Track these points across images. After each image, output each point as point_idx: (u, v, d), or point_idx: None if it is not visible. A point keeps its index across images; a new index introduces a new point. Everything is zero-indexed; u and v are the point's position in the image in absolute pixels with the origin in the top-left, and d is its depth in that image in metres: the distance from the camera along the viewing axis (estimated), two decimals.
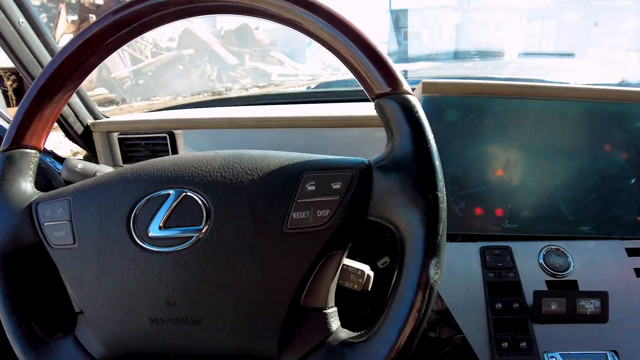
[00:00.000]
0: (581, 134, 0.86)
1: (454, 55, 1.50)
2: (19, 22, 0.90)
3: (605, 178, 0.87)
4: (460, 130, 0.84)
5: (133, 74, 6.71)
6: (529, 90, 0.82)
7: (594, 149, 0.87)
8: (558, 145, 0.86)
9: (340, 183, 0.43)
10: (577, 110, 0.86)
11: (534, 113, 0.85)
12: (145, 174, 0.48)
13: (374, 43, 0.43)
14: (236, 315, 0.43)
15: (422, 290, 0.39)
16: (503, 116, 0.85)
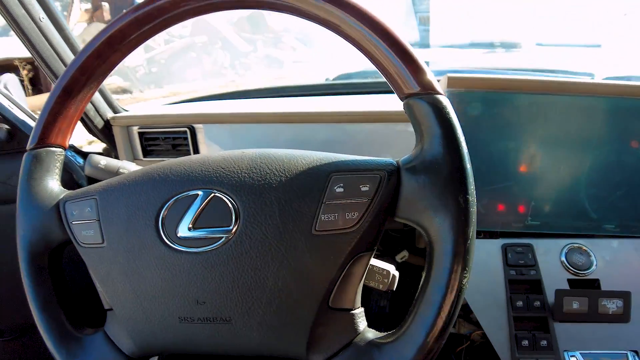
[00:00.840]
0: (607, 129, 0.85)
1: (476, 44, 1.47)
2: (40, 18, 0.90)
3: (631, 175, 0.86)
4: (484, 125, 0.83)
5: (146, 62, 6.71)
6: (555, 85, 0.81)
7: (619, 145, 0.85)
8: (583, 141, 0.85)
9: (369, 185, 0.43)
10: (603, 105, 0.84)
11: (558, 107, 0.84)
12: (173, 174, 0.48)
13: (403, 41, 0.43)
14: (265, 316, 0.43)
15: (451, 293, 0.39)
16: (527, 110, 0.83)
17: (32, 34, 0.91)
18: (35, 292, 0.51)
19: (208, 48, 7.16)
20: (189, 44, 7.06)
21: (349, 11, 0.43)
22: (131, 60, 6.57)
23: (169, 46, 7.02)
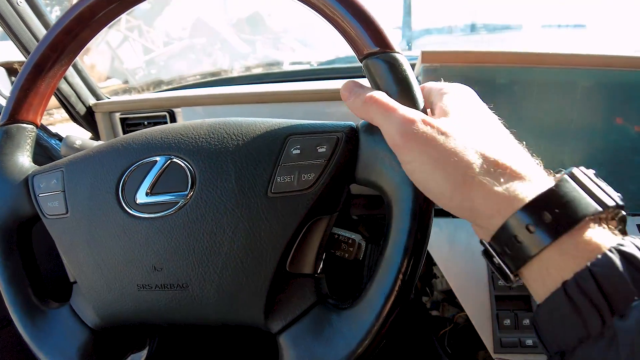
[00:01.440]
0: (591, 105, 0.83)
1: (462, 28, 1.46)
2: (17, 2, 0.90)
3: (616, 152, 0.84)
4: None
5: (145, 64, 6.74)
6: (532, 58, 0.80)
7: (604, 122, 0.84)
8: (566, 118, 0.84)
9: (326, 146, 0.42)
10: (587, 80, 0.83)
11: (540, 85, 0.83)
12: (135, 143, 0.48)
13: (361, 2, 0.42)
14: (221, 281, 0.42)
15: (409, 255, 0.38)
16: (509, 88, 0.82)
17: (10, 18, 0.90)
18: (3, 265, 0.51)
19: (207, 49, 7.18)
20: (188, 46, 7.08)
21: None
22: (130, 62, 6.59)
23: (168, 48, 7.05)
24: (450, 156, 0.32)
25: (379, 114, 0.36)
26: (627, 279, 0.25)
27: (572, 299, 0.26)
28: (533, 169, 0.32)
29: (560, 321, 0.27)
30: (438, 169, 0.32)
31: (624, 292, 0.25)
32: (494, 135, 0.34)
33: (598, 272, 0.26)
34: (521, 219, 0.30)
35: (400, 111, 0.35)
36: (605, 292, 0.25)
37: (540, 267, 0.29)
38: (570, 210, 0.29)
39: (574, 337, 0.26)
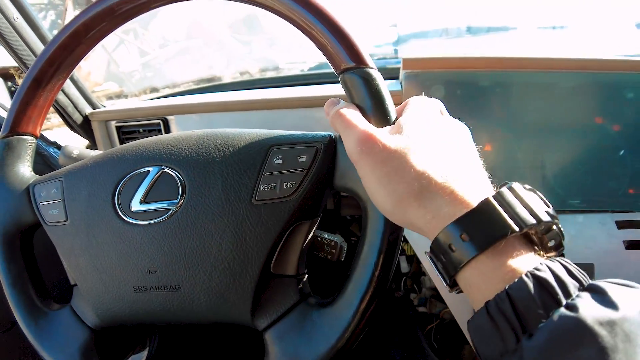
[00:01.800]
0: (571, 106, 0.86)
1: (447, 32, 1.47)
2: (14, 18, 0.93)
3: (596, 150, 0.87)
4: (448, 107, 0.83)
5: (142, 67, 6.74)
6: (511, 62, 0.82)
7: (584, 121, 0.87)
8: (547, 118, 0.86)
9: (306, 156, 0.45)
10: (566, 82, 0.85)
11: (522, 87, 0.85)
12: (129, 154, 0.51)
13: (338, 19, 0.44)
14: (210, 283, 0.45)
15: (383, 254, 0.41)
16: (491, 91, 0.85)
17: (8, 33, 0.93)
18: (7, 269, 0.54)
19: (204, 51, 7.18)
20: (184, 48, 7.08)
21: None
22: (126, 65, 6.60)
23: (164, 50, 7.04)
24: (392, 177, 0.34)
25: (342, 129, 0.39)
26: (538, 301, 0.27)
27: (493, 317, 0.29)
28: (471, 187, 0.33)
29: (485, 336, 0.29)
30: (382, 187, 0.35)
31: (534, 314, 0.27)
32: (440, 154, 0.35)
33: (514, 295, 0.28)
34: (445, 238, 0.32)
35: (359, 128, 0.38)
36: (518, 313, 0.27)
37: (465, 285, 0.32)
38: (487, 232, 0.30)
39: (496, 351, 0.29)
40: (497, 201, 0.32)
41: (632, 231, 0.84)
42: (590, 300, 0.26)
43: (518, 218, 0.31)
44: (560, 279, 0.28)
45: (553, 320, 0.26)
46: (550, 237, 0.32)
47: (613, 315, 0.25)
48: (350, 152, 0.38)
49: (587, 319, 0.25)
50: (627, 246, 0.82)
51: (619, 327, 0.25)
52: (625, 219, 0.85)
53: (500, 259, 0.30)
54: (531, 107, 0.86)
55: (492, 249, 0.30)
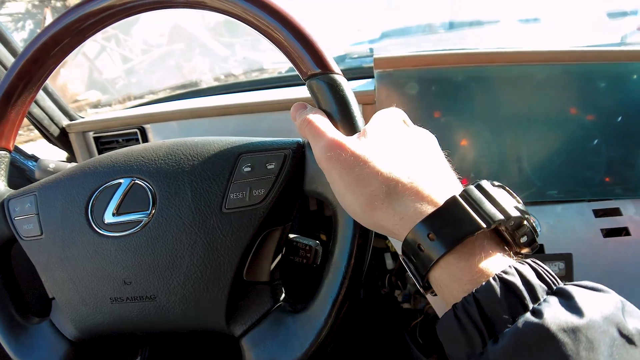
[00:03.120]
0: (545, 98, 0.87)
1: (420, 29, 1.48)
2: None
3: (571, 141, 0.88)
4: (423, 103, 0.85)
5: (125, 73, 6.69)
6: (481, 57, 0.83)
7: (559, 113, 0.88)
8: (522, 111, 0.87)
9: (275, 163, 0.45)
10: (539, 74, 0.86)
11: (495, 81, 0.86)
12: (101, 166, 0.51)
13: (303, 25, 0.44)
14: (185, 291, 0.46)
15: (354, 258, 0.41)
16: (465, 86, 0.85)
17: None
18: None
19: (187, 55, 7.14)
20: (167, 52, 7.04)
21: (254, 2, 0.44)
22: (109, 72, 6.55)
23: (147, 56, 7.00)
24: (360, 182, 0.35)
25: (311, 136, 0.39)
26: (505, 306, 0.27)
27: (460, 320, 0.28)
28: (438, 186, 0.33)
29: (453, 337, 0.29)
30: (350, 193, 0.35)
31: (500, 319, 0.27)
32: (406, 158, 0.36)
33: (481, 298, 0.28)
34: (414, 238, 0.32)
35: (327, 136, 0.38)
36: (486, 316, 0.27)
37: (436, 285, 0.32)
38: (454, 230, 0.30)
39: (463, 353, 0.29)
40: (464, 198, 0.31)
41: (609, 219, 0.85)
42: (556, 305, 0.26)
43: (485, 214, 0.31)
44: (528, 283, 0.28)
45: (518, 325, 0.26)
46: (522, 233, 0.32)
47: (577, 321, 0.25)
48: (318, 159, 0.38)
49: (551, 325, 0.25)
50: (605, 234, 0.84)
51: (582, 334, 0.25)
52: (602, 207, 0.86)
53: (469, 259, 0.30)
54: (506, 100, 0.87)
55: (460, 247, 0.30)
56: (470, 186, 0.33)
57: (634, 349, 0.25)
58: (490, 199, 0.32)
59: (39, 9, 6.26)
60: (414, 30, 1.53)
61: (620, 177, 0.87)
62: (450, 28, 1.46)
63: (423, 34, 1.50)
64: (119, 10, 0.52)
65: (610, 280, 0.83)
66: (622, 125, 0.87)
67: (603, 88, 0.86)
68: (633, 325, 0.26)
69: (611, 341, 0.25)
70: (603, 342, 0.24)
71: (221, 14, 0.48)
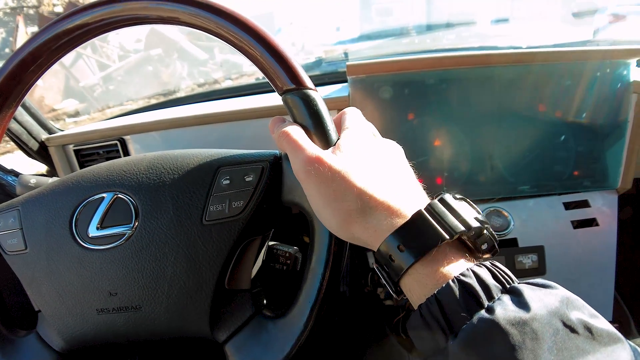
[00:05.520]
0: (514, 97, 0.90)
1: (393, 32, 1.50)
2: None
3: (541, 137, 0.92)
4: (397, 105, 0.87)
5: (102, 81, 6.61)
6: (452, 60, 0.86)
7: (528, 111, 0.91)
8: (493, 111, 0.90)
9: (253, 175, 0.46)
10: (509, 74, 0.89)
11: (465, 82, 0.89)
12: (84, 180, 0.52)
13: (277, 42, 0.46)
14: (169, 301, 0.47)
15: (330, 265, 0.44)
16: (437, 87, 0.88)
17: None
18: None
19: (165, 60, 7.08)
20: (145, 58, 6.97)
21: (228, 19, 0.46)
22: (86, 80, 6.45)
23: (125, 62, 6.92)
24: (337, 195, 0.37)
25: (289, 150, 0.41)
26: (462, 305, 0.30)
27: (425, 319, 0.31)
28: (406, 201, 0.36)
29: (420, 336, 0.32)
30: (327, 207, 0.38)
31: (459, 316, 0.29)
32: (377, 173, 0.38)
33: (441, 299, 0.30)
34: (385, 249, 0.35)
35: (305, 151, 0.40)
36: (446, 315, 0.30)
37: (406, 290, 0.35)
38: (421, 241, 0.33)
39: (429, 349, 0.32)
40: (429, 212, 0.34)
41: (579, 211, 0.89)
42: (508, 303, 0.29)
43: (448, 226, 0.33)
44: (484, 283, 0.30)
45: (473, 322, 0.29)
46: (483, 241, 0.35)
47: (524, 315, 0.28)
48: (297, 172, 0.40)
49: (500, 319, 0.28)
50: (575, 226, 0.87)
51: (528, 326, 0.27)
52: (571, 200, 0.90)
53: (434, 266, 0.32)
54: (477, 100, 0.90)
55: (426, 256, 0.33)
56: (435, 200, 0.35)
57: (576, 337, 0.27)
58: (453, 212, 0.35)
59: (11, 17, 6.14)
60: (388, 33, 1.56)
61: (588, 170, 0.92)
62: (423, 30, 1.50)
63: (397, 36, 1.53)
64: (93, 27, 0.53)
65: (580, 269, 0.87)
66: (587, 121, 0.91)
67: (568, 86, 0.90)
68: (576, 316, 0.28)
69: (555, 331, 0.27)
70: (547, 332, 0.27)
71: (196, 29, 0.49)
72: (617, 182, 0.90)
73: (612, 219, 0.87)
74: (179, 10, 0.47)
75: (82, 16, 0.50)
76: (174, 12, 0.47)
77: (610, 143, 0.92)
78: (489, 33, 1.40)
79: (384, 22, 1.63)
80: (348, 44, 1.44)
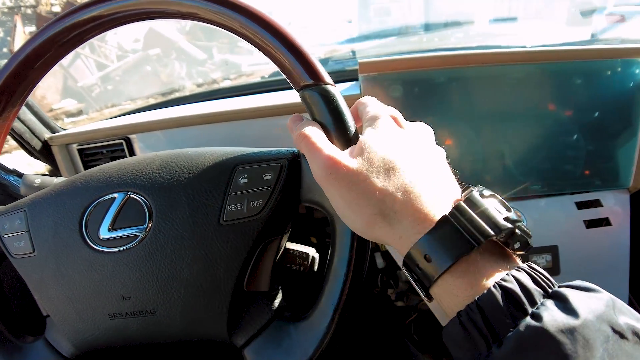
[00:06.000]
0: (525, 96, 0.89)
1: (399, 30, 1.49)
2: None
3: (552, 136, 0.91)
4: (407, 104, 0.86)
5: (101, 81, 6.58)
6: (463, 58, 0.85)
7: (538, 110, 0.90)
8: (503, 110, 0.89)
9: (271, 174, 0.45)
10: (519, 73, 0.88)
11: (476, 80, 0.88)
12: (93, 180, 0.50)
13: (295, 38, 0.45)
14: (185, 305, 0.45)
15: (352, 266, 0.42)
16: (447, 87, 0.87)
17: None
18: None
19: (163, 60, 7.06)
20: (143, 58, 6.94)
21: (246, 14, 0.44)
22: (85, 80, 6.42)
23: (123, 62, 6.89)
24: (359, 200, 0.35)
25: (307, 152, 0.40)
26: (506, 311, 0.28)
27: (465, 326, 0.30)
28: (434, 202, 0.34)
29: (458, 343, 0.31)
30: (350, 209, 0.36)
31: (503, 323, 0.28)
32: (401, 172, 0.36)
33: (483, 306, 0.29)
34: (413, 257, 0.34)
35: (324, 152, 0.38)
36: (488, 322, 0.29)
37: (437, 298, 0.34)
38: (446, 252, 0.32)
39: (469, 357, 0.30)
40: (455, 217, 0.32)
41: (590, 210, 0.88)
42: (553, 308, 0.28)
43: (477, 232, 0.32)
44: (526, 288, 0.29)
45: (520, 329, 0.28)
46: (515, 240, 0.33)
47: (573, 322, 0.27)
48: (316, 176, 0.39)
49: (550, 327, 0.27)
50: (587, 225, 0.87)
51: (578, 333, 0.26)
52: (583, 199, 0.89)
53: (465, 276, 0.31)
54: (487, 99, 0.89)
55: (455, 266, 0.31)
56: (461, 202, 0.33)
57: (626, 342, 0.27)
58: (481, 214, 0.33)
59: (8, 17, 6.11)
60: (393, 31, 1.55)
61: (599, 169, 0.91)
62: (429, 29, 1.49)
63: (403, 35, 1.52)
64: (106, 20, 0.50)
65: (594, 269, 0.86)
66: (598, 120, 0.90)
67: (579, 85, 0.89)
68: (624, 321, 0.27)
69: (605, 338, 0.26)
70: (598, 339, 0.26)
71: (214, 25, 0.48)
72: (629, 181, 0.89)
73: (625, 219, 0.86)
74: (195, 5, 0.46)
75: (97, 8, 0.47)
76: (192, 8, 0.46)
77: (621, 142, 0.91)
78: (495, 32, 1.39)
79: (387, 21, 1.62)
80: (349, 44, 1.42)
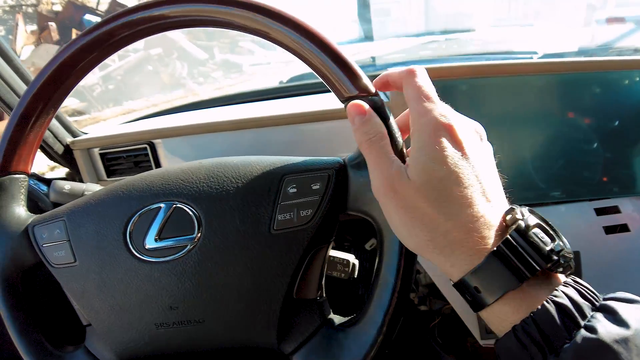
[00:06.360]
0: (544, 104, 0.90)
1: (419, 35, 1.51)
2: None
3: (570, 144, 0.92)
4: None
5: (102, 80, 6.57)
6: (485, 69, 0.86)
7: (558, 117, 0.92)
8: (524, 117, 0.91)
9: (319, 184, 0.46)
10: (539, 82, 0.90)
11: (498, 88, 0.89)
12: (136, 190, 0.50)
13: (339, 49, 0.45)
14: (235, 314, 0.46)
15: (402, 274, 0.43)
16: (468, 95, 0.88)
17: None
18: (12, 316, 0.52)
19: (164, 60, 7.06)
20: (144, 58, 6.93)
21: (289, 25, 0.44)
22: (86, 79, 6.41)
23: (125, 61, 6.88)
24: (414, 223, 0.37)
25: (372, 163, 0.40)
26: (560, 325, 0.31)
27: (520, 339, 0.32)
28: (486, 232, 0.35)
29: (514, 356, 0.33)
30: (405, 229, 0.38)
31: (559, 336, 0.31)
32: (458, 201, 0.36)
33: (539, 319, 0.32)
34: (463, 285, 0.36)
35: (386, 171, 0.39)
36: (545, 335, 0.31)
37: (486, 317, 0.36)
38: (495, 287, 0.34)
39: None
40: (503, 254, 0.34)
41: (610, 217, 0.89)
42: (605, 321, 0.31)
43: (524, 267, 0.34)
44: (575, 303, 0.32)
45: (576, 341, 0.30)
46: (558, 267, 0.34)
47: (626, 332, 0.29)
48: (375, 189, 0.40)
49: (606, 338, 0.29)
50: (606, 231, 0.88)
51: (632, 342, 0.29)
52: (602, 205, 0.90)
53: (513, 301, 0.34)
54: (508, 107, 0.90)
55: (502, 299, 0.34)
56: (508, 237, 0.35)
57: None
58: (526, 250, 0.34)
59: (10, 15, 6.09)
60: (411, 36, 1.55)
61: (616, 176, 0.92)
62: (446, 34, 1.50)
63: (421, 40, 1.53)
64: (168, 22, 0.49)
65: (614, 276, 0.88)
66: (616, 128, 0.92)
67: (598, 94, 0.91)
68: None
69: None
70: None
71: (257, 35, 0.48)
72: None
73: None
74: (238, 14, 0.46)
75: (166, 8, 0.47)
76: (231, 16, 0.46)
77: (638, 150, 0.92)
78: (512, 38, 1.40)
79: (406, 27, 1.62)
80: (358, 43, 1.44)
